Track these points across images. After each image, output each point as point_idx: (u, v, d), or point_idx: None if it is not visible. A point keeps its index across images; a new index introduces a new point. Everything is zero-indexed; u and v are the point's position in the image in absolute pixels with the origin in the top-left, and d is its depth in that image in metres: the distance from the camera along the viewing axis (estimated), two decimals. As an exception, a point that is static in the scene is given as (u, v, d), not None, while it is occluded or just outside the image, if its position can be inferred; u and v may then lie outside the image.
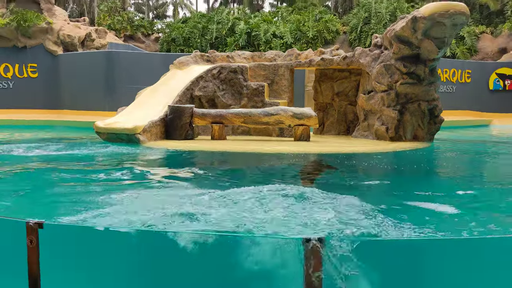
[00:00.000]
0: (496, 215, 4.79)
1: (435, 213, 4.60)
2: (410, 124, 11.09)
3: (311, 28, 25.88)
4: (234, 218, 4.34)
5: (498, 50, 25.33)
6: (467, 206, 5.13)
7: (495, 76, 22.73)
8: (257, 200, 4.97)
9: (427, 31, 10.31)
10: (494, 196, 5.86)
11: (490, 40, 25.94)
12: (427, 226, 4.11)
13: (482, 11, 28.78)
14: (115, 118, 11.28)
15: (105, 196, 5.14)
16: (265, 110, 11.18)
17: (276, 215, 4.34)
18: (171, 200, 5.14)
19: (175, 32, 28.05)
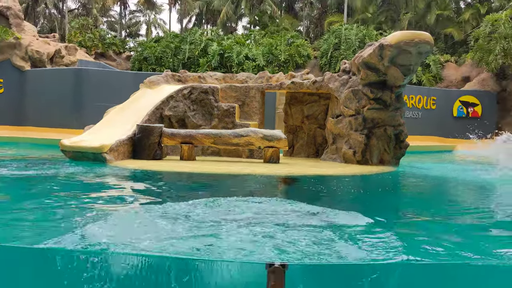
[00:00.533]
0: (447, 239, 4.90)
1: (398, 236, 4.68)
2: (377, 148, 11.32)
3: (283, 52, 26.28)
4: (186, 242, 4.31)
5: (462, 79, 26.28)
6: (420, 232, 5.23)
7: (459, 104, 23.53)
8: (218, 225, 4.95)
9: (394, 58, 10.62)
10: (449, 224, 6.01)
11: (454, 68, 26.91)
12: (377, 249, 4.17)
13: (447, 41, 29.91)
14: (81, 136, 11.09)
15: (62, 217, 5.02)
16: (236, 132, 11.21)
17: (236, 243, 4.32)
18: (130, 221, 5.06)
19: (147, 51, 28.00)
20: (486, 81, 24.64)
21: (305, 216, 5.42)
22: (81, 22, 31.78)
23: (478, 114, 23.67)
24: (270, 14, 37.59)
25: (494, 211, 6.71)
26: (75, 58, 23.60)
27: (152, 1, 43.58)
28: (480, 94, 23.91)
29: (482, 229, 5.40)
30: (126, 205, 6.04)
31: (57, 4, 40.76)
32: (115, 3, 40.42)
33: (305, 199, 6.55)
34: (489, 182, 9.45)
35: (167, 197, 6.70)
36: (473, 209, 6.89)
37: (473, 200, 7.80)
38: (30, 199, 6.18)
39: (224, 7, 37.11)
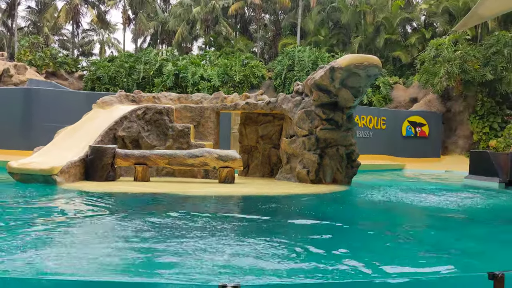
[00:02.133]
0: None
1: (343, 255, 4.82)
2: (330, 168, 11.60)
3: (238, 73, 26.58)
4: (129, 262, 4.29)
5: (410, 100, 27.42)
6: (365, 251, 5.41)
7: (408, 124, 24.48)
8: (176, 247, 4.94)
9: (344, 80, 11.00)
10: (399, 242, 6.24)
11: (402, 90, 28.05)
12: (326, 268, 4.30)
13: (395, 63, 31.19)
14: (30, 158, 10.75)
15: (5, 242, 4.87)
16: (190, 152, 11.20)
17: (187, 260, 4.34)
18: (74, 243, 4.97)
19: (101, 71, 27.59)
20: (432, 102, 25.82)
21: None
22: (31, 40, 30.97)
23: (425, 134, 24.70)
24: (225, 35, 38.03)
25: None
26: (24, 77, 22.94)
27: (105, 20, 43.08)
28: (427, 115, 25.01)
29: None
30: (67, 227, 5.90)
31: (6, 22, 39.58)
32: (68, 22, 39.68)
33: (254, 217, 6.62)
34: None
35: (114, 219, 6.60)
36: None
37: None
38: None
39: (179, 27, 37.23)
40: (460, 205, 9.26)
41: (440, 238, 6.14)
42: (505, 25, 27.01)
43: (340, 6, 32.88)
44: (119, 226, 5.96)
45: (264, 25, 40.06)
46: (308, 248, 4.99)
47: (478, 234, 6.64)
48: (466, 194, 11.36)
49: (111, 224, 6.14)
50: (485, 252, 5.43)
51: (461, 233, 6.60)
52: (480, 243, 5.99)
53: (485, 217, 8.34)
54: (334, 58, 26.06)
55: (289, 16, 37.93)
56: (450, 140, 26.25)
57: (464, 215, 8.45)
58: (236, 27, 40.90)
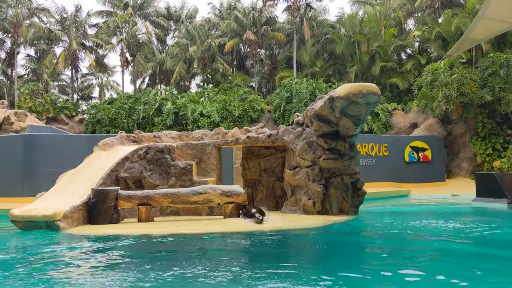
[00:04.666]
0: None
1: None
2: (335, 198, 11.44)
3: (237, 107, 26.73)
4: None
5: (410, 125, 27.44)
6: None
7: (410, 149, 24.39)
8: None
9: (344, 109, 10.99)
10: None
11: (402, 116, 28.11)
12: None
13: (392, 90, 31.39)
14: (33, 205, 10.61)
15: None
16: (194, 189, 11.07)
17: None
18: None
19: (101, 113, 27.77)
20: (432, 127, 25.82)
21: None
22: (31, 87, 31.30)
23: (428, 158, 24.58)
24: (222, 72, 38.50)
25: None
26: (25, 124, 23.04)
27: (104, 64, 43.70)
28: (428, 139, 24.96)
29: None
30: (72, 274, 5.74)
31: (6, 71, 40.14)
32: (66, 67, 40.24)
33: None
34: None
35: (118, 263, 6.43)
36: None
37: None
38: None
39: (177, 67, 37.72)
40: (475, 231, 9.06)
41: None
42: (499, 46, 27.32)
43: (334, 37, 33.38)
44: (127, 273, 5.79)
45: (260, 60, 40.60)
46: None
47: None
48: (479, 218, 11.15)
49: (118, 272, 5.96)
50: None
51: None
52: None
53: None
54: (331, 88, 26.26)
55: (284, 49, 38.48)
56: (454, 163, 26.11)
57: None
58: (233, 63, 41.44)
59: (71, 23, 39.04)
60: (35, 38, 39.40)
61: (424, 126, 26.26)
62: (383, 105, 27.68)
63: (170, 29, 46.34)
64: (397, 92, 31.08)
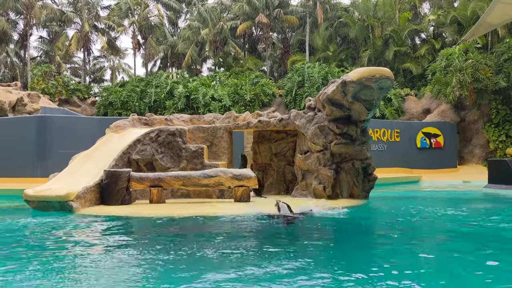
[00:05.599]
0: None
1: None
2: (346, 182, 11.43)
3: (248, 92, 26.65)
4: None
5: (423, 111, 27.17)
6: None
7: (422, 135, 24.20)
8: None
9: (357, 94, 10.90)
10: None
11: (414, 101, 27.83)
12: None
13: (405, 75, 31.03)
14: (46, 185, 10.76)
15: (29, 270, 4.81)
16: (205, 173, 11.13)
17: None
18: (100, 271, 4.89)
19: (113, 96, 27.88)
20: (445, 113, 25.54)
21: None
22: (43, 69, 31.48)
23: (440, 145, 24.39)
24: (234, 55, 38.31)
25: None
26: (38, 105, 23.24)
27: (116, 47, 43.72)
28: (441, 125, 24.72)
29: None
30: (89, 253, 5.83)
31: (19, 53, 40.36)
32: (79, 50, 40.34)
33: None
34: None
35: (132, 243, 6.52)
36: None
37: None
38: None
39: (189, 50, 37.60)
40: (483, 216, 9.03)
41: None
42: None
43: (347, 21, 32.98)
44: (140, 253, 5.87)
45: (273, 43, 40.30)
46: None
47: None
48: (490, 204, 11.10)
49: (132, 251, 6.05)
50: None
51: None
52: None
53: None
54: (344, 72, 26.03)
55: (297, 33, 38.12)
56: (466, 150, 25.88)
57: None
58: (245, 47, 41.20)
59: (83, 5, 39.01)
60: (48, 19, 39.46)
61: (437, 112, 25.98)
62: (396, 90, 27.41)
63: (182, 11, 46.10)
64: (410, 77, 30.73)
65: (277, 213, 9.02)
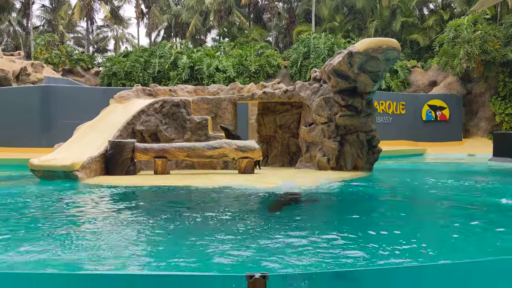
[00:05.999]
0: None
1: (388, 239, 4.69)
2: (350, 155, 11.42)
3: (253, 63, 26.41)
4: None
5: (429, 83, 26.90)
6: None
7: (427, 108, 24.03)
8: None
9: (363, 65, 10.78)
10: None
11: (421, 73, 27.52)
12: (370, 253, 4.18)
13: (412, 47, 30.60)
14: (51, 155, 10.81)
15: (38, 236, 4.86)
16: (209, 144, 11.13)
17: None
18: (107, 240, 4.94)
19: (116, 66, 27.71)
20: (452, 85, 25.29)
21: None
22: (46, 38, 31.21)
23: (446, 117, 24.24)
24: (239, 25, 37.79)
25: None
26: (41, 75, 23.13)
27: (119, 16, 43.20)
28: (447, 98, 24.51)
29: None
30: (92, 220, 5.89)
31: (21, 22, 39.98)
32: (81, 19, 39.89)
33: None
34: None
35: (136, 212, 6.58)
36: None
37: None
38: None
39: (193, 19, 37.11)
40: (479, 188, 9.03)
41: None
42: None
43: (354, -9, 32.34)
44: (144, 220, 5.93)
45: (278, 13, 39.67)
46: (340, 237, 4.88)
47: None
48: (494, 177, 11.09)
49: (136, 218, 6.11)
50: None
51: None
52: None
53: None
54: (350, 43, 25.67)
55: (303, 3, 37.47)
56: (472, 123, 25.72)
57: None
58: (250, 17, 40.61)
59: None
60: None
61: (443, 84, 25.72)
62: (402, 62, 27.07)
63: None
64: (417, 49, 30.30)
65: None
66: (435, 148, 21.83)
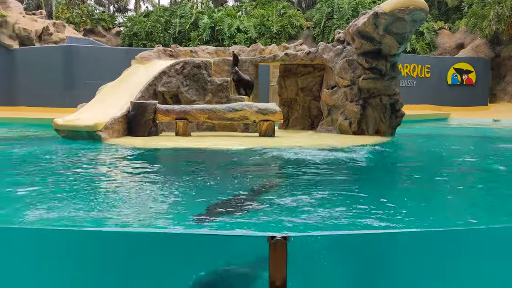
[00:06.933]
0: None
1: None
2: (373, 118, 11.29)
3: (275, 23, 25.92)
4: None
5: (456, 46, 26.09)
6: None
7: (453, 71, 23.42)
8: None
9: (388, 26, 10.49)
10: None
11: (448, 35, 26.68)
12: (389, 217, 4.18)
13: (440, 8, 29.55)
14: (75, 115, 10.96)
15: (65, 195, 4.99)
16: (230, 106, 11.12)
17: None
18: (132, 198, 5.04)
19: (137, 26, 27.54)
20: (480, 48, 24.49)
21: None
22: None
23: (472, 81, 23.61)
24: (261, -16, 36.88)
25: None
26: (63, 35, 23.17)
27: (139, -26, 42.58)
28: (474, 61, 23.79)
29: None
30: (121, 181, 6.01)
31: (43, -20, 39.76)
32: (102, -23, 39.48)
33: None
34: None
35: (159, 171, 6.68)
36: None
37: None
38: (26, 177, 6.13)
39: (214, -22, 36.34)
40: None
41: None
42: None
43: None
44: (167, 180, 6.02)
45: (301, -28, 38.54)
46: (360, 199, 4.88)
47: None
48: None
49: (159, 178, 6.20)
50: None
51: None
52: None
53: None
54: (375, 4, 24.89)
55: (326, -39, 36.23)
56: (499, 87, 25.01)
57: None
58: (272, -24, 39.54)
59: None
60: None
61: (470, 47, 24.92)
62: (429, 24, 26.22)
63: None
64: (445, 9, 29.24)
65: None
66: (459, 113, 21.41)
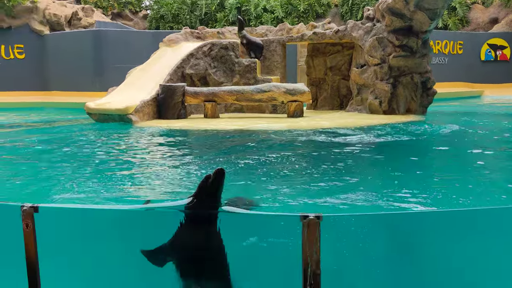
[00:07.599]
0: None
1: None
2: (403, 97, 11.08)
3: (302, 2, 25.56)
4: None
5: (489, 21, 25.18)
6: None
7: (487, 47, 22.67)
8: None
9: (419, 2, 10.21)
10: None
11: (481, 10, 25.76)
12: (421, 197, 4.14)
13: (473, -19, 28.51)
14: (106, 99, 11.16)
15: (105, 175, 5.12)
16: (258, 87, 11.10)
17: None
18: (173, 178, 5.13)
19: (164, 9, 27.61)
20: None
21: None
22: (95, -18, 31.31)
23: (506, 57, 22.81)
24: (287, -38, 36.31)
25: None
26: (92, 19, 23.43)
27: (165, -43, 42.48)
28: (508, 36, 22.92)
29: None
30: (159, 163, 6.12)
31: (70, -35, 40.14)
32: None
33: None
34: None
35: (192, 154, 6.76)
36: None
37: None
38: (63, 158, 6.31)
39: (239, -42, 35.97)
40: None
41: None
42: None
43: None
44: (198, 162, 6.09)
45: None
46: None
47: None
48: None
49: (190, 160, 6.28)
50: None
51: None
52: None
53: None
54: (405, -21, 24.21)
55: None
56: (535, 63, 24.09)
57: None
58: (298, -47, 38.86)
59: None
60: None
61: (505, 21, 24.00)
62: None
63: None
64: (478, -17, 28.20)
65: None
66: (493, 90, 20.79)
